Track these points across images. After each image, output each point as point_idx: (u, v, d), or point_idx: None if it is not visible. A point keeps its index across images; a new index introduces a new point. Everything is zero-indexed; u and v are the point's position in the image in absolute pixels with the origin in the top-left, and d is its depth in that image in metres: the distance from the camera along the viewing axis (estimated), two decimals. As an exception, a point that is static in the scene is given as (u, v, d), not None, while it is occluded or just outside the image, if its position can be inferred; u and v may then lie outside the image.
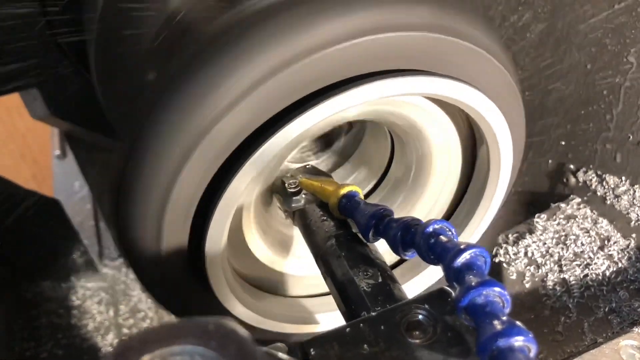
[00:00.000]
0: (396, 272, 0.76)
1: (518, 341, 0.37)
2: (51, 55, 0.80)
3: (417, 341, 0.43)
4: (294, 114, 0.49)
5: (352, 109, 0.53)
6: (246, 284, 0.71)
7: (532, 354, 0.38)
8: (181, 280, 0.58)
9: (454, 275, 0.44)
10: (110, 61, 0.70)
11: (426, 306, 0.45)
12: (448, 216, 0.76)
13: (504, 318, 0.39)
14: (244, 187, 0.52)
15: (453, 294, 0.45)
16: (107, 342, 1.13)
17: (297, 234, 0.74)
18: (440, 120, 0.64)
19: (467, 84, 0.54)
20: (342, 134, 0.83)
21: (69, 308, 1.16)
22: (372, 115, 0.63)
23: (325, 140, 0.83)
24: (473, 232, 0.72)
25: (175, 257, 0.55)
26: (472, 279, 0.42)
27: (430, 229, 0.48)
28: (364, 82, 0.50)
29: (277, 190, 0.68)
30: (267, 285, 0.73)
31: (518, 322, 0.38)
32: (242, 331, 0.23)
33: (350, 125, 0.82)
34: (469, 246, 0.44)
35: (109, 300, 1.19)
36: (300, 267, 0.74)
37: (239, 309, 0.64)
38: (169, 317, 1.13)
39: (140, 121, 0.52)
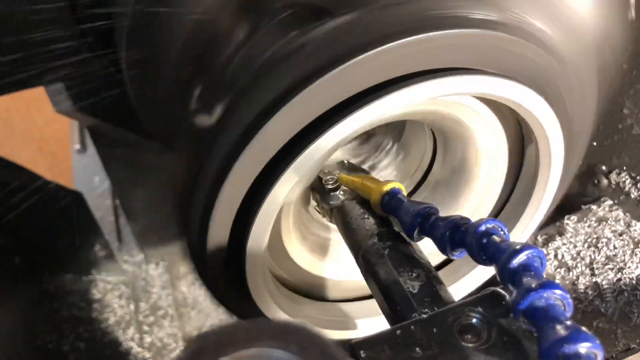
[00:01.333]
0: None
1: (584, 347, 0.35)
2: (77, 49, 0.79)
3: (471, 345, 0.41)
4: (338, 116, 0.47)
5: (397, 109, 0.51)
6: (283, 287, 0.69)
7: (599, 361, 0.36)
8: (221, 282, 0.57)
9: (509, 276, 0.43)
10: (144, 58, 0.69)
11: (479, 309, 0.43)
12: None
13: (568, 322, 0.37)
14: (288, 190, 0.50)
15: (507, 296, 0.44)
16: (128, 336, 1.12)
17: (334, 237, 0.72)
18: (488, 119, 0.61)
19: (518, 81, 0.52)
20: (380, 133, 0.80)
21: (90, 301, 1.16)
22: (416, 114, 0.60)
23: (362, 139, 0.80)
24: (520, 235, 0.69)
25: (217, 258, 0.54)
26: (531, 281, 0.40)
27: (483, 228, 0.46)
28: (412, 82, 0.48)
29: (314, 188, 0.67)
30: (305, 289, 0.71)
31: (583, 328, 0.37)
32: (324, 334, 0.22)
33: (389, 124, 0.79)
34: (524, 247, 0.43)
35: (129, 294, 1.19)
36: (338, 271, 0.71)
37: (276, 313, 0.62)
38: (189, 314, 1.12)
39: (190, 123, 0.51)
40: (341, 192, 0.63)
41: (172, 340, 1.09)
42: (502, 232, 0.46)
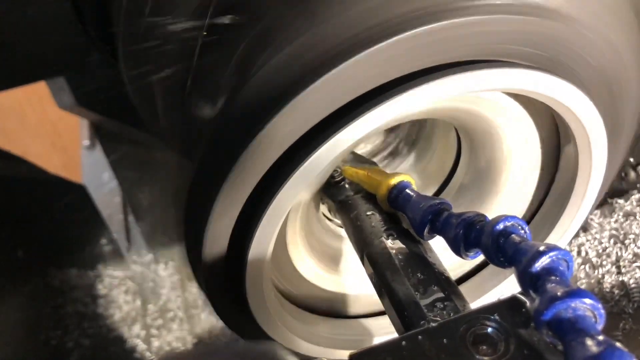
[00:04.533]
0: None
1: (620, 367, 0.31)
2: (79, 43, 0.76)
3: (486, 358, 0.37)
4: (353, 114, 0.42)
5: (417, 108, 0.45)
6: (293, 305, 0.63)
7: (637, 383, 0.31)
8: (222, 300, 0.53)
9: (530, 281, 0.38)
10: (138, 51, 0.65)
11: (496, 317, 0.38)
12: None
13: (600, 338, 0.32)
14: (295, 195, 0.45)
15: (528, 303, 0.39)
16: (134, 333, 1.09)
17: (346, 246, 0.66)
18: (518, 117, 0.55)
19: (553, 74, 0.46)
20: (398, 132, 0.74)
21: (96, 297, 1.14)
22: (439, 113, 0.55)
23: (377, 138, 0.74)
24: (556, 242, 0.63)
25: (214, 270, 0.50)
26: (557, 288, 0.35)
27: (501, 226, 0.41)
28: (433, 77, 0.42)
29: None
30: (316, 305, 0.65)
31: (618, 344, 0.32)
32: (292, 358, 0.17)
33: (408, 123, 0.73)
34: (549, 248, 0.38)
35: (135, 289, 1.16)
36: (352, 285, 0.66)
37: (284, 335, 0.58)
38: (199, 316, 1.08)
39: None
40: (347, 186, 0.58)
41: (181, 344, 1.06)
42: (522, 231, 0.41)
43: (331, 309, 0.67)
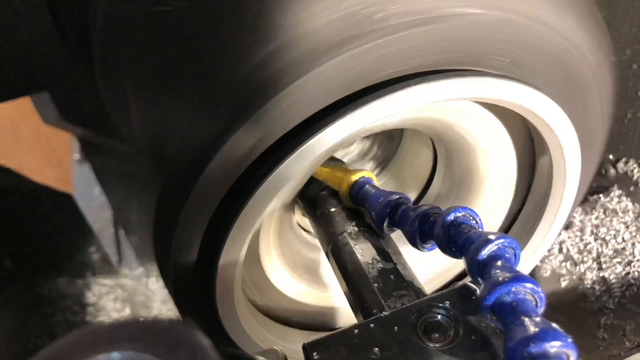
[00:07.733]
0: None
1: (554, 347, 0.31)
2: (62, 58, 0.76)
3: (436, 345, 0.38)
4: (320, 124, 0.42)
5: (389, 117, 0.45)
6: (267, 319, 0.63)
7: (572, 362, 0.32)
8: (192, 312, 0.53)
9: (478, 269, 0.39)
10: (109, 61, 0.66)
11: (447, 305, 0.40)
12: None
13: (537, 319, 0.33)
14: (265, 206, 0.45)
15: (477, 290, 0.40)
16: (123, 340, 1.10)
17: (323, 257, 0.65)
18: (492, 128, 0.55)
19: (527, 84, 0.46)
20: (374, 142, 0.74)
21: (85, 305, 1.14)
22: (412, 122, 0.55)
23: (355, 148, 0.74)
24: (534, 253, 0.64)
25: (185, 285, 0.50)
26: (500, 274, 0.36)
27: (451, 217, 0.42)
28: (403, 85, 0.42)
29: None
30: (292, 319, 0.65)
31: (554, 324, 0.33)
32: (199, 336, 0.18)
33: (385, 132, 0.73)
34: (496, 236, 0.39)
35: (125, 297, 1.17)
36: (330, 297, 0.66)
37: (257, 348, 0.57)
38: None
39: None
40: (314, 184, 0.59)
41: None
42: (473, 222, 0.42)
43: (307, 321, 0.67)
